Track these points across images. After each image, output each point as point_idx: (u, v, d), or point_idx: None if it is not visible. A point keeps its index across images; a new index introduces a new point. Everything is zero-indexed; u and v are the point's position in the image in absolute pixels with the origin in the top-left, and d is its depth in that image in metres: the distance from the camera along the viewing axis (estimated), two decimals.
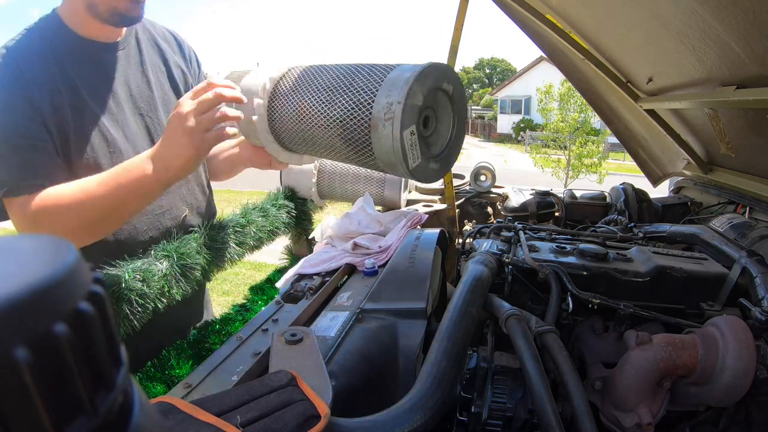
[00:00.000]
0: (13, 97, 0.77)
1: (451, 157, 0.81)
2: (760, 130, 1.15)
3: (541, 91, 9.01)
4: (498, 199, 1.83)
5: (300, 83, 0.80)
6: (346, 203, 1.59)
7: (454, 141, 0.80)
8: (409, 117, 0.68)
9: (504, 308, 0.75)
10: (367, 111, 0.70)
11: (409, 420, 0.49)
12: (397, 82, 0.67)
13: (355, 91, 0.72)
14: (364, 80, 0.72)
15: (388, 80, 0.69)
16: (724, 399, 0.64)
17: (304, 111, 0.78)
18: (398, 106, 0.66)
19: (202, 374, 0.65)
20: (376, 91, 0.69)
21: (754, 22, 0.85)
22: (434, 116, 0.76)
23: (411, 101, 0.67)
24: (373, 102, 0.69)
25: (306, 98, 0.78)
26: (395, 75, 0.69)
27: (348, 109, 0.72)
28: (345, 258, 1.11)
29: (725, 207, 1.43)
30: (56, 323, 0.15)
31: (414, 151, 0.71)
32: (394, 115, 0.66)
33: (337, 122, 0.74)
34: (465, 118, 0.82)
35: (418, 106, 0.69)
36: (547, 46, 1.82)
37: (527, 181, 8.25)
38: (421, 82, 0.68)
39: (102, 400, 0.16)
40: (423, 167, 0.74)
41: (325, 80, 0.77)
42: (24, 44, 0.81)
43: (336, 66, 0.79)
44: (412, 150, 0.70)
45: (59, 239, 0.18)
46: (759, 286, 0.80)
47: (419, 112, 0.70)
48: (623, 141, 2.05)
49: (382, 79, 0.70)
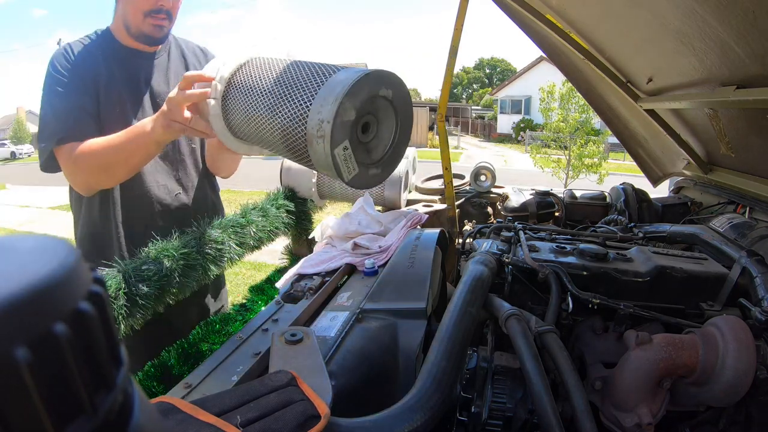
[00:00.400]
0: (69, 74, 1.08)
1: (395, 159, 0.81)
2: (760, 130, 1.15)
3: (544, 91, 8.98)
4: (498, 199, 1.83)
5: (248, 85, 0.80)
6: (346, 203, 1.59)
7: (397, 144, 0.80)
8: (340, 134, 0.68)
9: (504, 308, 0.75)
10: (304, 125, 0.70)
11: (409, 420, 0.49)
12: (328, 98, 0.67)
13: (294, 102, 0.71)
14: (304, 89, 0.71)
15: (321, 94, 0.68)
16: (724, 399, 0.64)
17: (251, 115, 0.79)
18: (327, 125, 0.66)
19: (202, 374, 0.65)
20: (311, 103, 0.69)
21: (754, 22, 0.85)
22: (375, 121, 0.76)
23: (341, 119, 0.67)
24: (308, 117, 0.69)
25: (253, 102, 0.78)
26: (328, 88, 0.68)
27: (288, 120, 0.72)
28: (345, 258, 1.11)
29: (725, 207, 1.43)
30: (56, 323, 0.15)
31: (348, 164, 0.72)
32: (324, 134, 0.66)
33: (280, 131, 0.74)
34: (410, 119, 0.80)
35: (350, 121, 0.68)
36: (547, 46, 1.82)
37: (527, 181, 8.26)
38: (353, 96, 0.67)
39: (102, 400, 0.16)
40: (361, 175, 0.75)
41: (271, 84, 0.76)
42: (80, 44, 1.14)
43: (285, 66, 0.78)
44: (346, 164, 0.71)
45: (59, 239, 0.18)
46: (759, 286, 0.80)
47: (352, 127, 0.69)
48: (623, 141, 2.05)
49: (317, 90, 0.69)
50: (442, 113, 1.58)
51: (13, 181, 12.46)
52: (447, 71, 1.55)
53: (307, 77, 0.72)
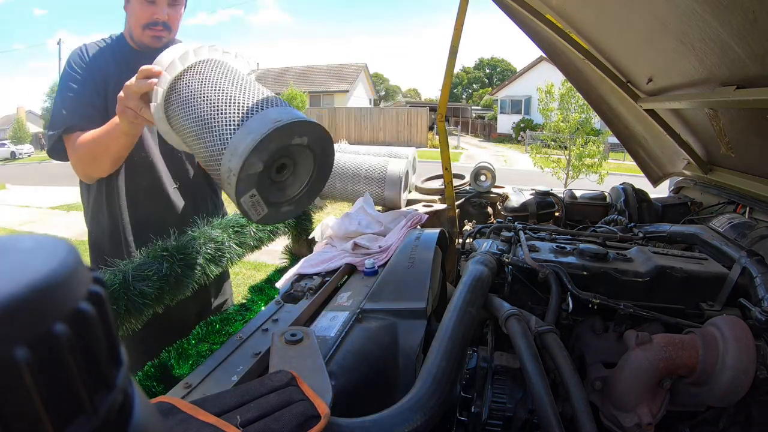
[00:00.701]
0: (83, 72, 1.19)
1: (311, 195, 0.83)
2: (760, 130, 1.15)
3: (542, 91, 8.97)
4: (498, 199, 1.83)
5: (184, 100, 0.81)
6: (346, 203, 1.59)
7: (315, 181, 0.81)
8: (245, 185, 0.70)
9: (504, 308, 0.75)
10: (218, 165, 0.72)
11: (409, 420, 0.49)
12: (237, 149, 0.68)
13: (215, 137, 0.73)
14: (225, 127, 0.72)
15: (233, 143, 0.69)
16: (724, 399, 0.64)
17: (183, 130, 0.81)
18: (233, 177, 0.68)
19: (202, 374, 0.65)
20: (225, 147, 0.71)
21: (754, 22, 0.85)
22: (292, 162, 0.78)
23: (246, 173, 0.68)
24: (221, 159, 0.71)
25: (185, 120, 0.80)
26: (240, 137, 0.69)
27: (208, 153, 0.74)
28: (345, 258, 1.11)
29: (725, 207, 1.43)
30: (56, 323, 0.15)
31: (257, 208, 0.74)
32: (231, 183, 0.69)
33: (203, 158, 0.77)
34: (329, 158, 0.82)
35: (257, 173, 0.70)
36: (547, 46, 1.82)
37: (527, 181, 8.25)
38: (260, 151, 0.68)
39: (102, 400, 0.16)
40: (271, 215, 0.77)
41: (202, 108, 0.77)
42: (96, 46, 1.25)
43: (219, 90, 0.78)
44: (254, 207, 0.74)
45: (59, 239, 0.18)
46: (759, 286, 0.80)
47: (260, 175, 0.71)
48: (623, 141, 2.05)
49: (235, 131, 0.71)
50: (442, 113, 1.58)
51: (13, 181, 12.45)
52: (447, 71, 1.55)
53: (231, 113, 0.73)
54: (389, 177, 1.51)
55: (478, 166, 1.84)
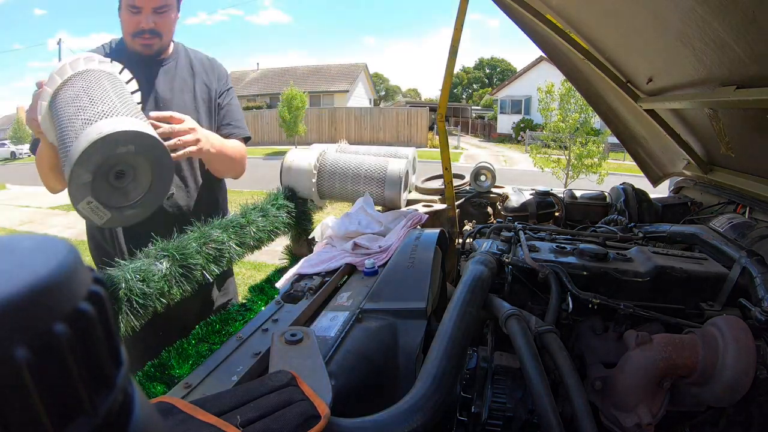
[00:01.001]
0: None
1: (156, 198, 0.89)
2: (760, 130, 1.15)
3: (542, 91, 8.96)
4: (498, 199, 1.82)
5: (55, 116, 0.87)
6: (346, 203, 1.59)
7: (157, 185, 0.87)
8: (79, 194, 0.77)
9: (504, 308, 0.75)
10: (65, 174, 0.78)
11: (409, 420, 0.49)
12: (70, 159, 0.76)
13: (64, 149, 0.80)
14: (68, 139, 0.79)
15: (70, 154, 0.76)
16: (724, 399, 0.64)
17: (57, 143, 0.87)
18: (69, 186, 0.75)
19: (202, 374, 0.65)
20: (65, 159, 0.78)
21: (754, 22, 0.85)
22: (131, 168, 0.83)
23: (76, 183, 0.75)
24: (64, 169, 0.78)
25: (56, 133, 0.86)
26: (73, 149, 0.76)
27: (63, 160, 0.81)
28: (345, 258, 1.11)
29: (725, 207, 1.43)
30: (56, 323, 0.15)
31: (98, 212, 0.81)
32: (69, 192, 0.76)
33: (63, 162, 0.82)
34: (165, 163, 0.87)
35: (88, 183, 0.77)
36: (547, 46, 1.82)
37: (527, 181, 8.25)
38: (84, 163, 0.75)
39: (102, 400, 0.16)
40: (116, 218, 0.84)
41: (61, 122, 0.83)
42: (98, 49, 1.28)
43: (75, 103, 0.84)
44: (96, 212, 0.80)
45: (59, 239, 0.18)
46: (759, 286, 0.80)
47: (92, 184, 0.78)
48: (623, 141, 2.05)
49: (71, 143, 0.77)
50: (442, 113, 1.58)
51: (13, 181, 12.45)
52: (447, 71, 1.55)
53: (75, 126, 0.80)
54: (389, 177, 1.51)
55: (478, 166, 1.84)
